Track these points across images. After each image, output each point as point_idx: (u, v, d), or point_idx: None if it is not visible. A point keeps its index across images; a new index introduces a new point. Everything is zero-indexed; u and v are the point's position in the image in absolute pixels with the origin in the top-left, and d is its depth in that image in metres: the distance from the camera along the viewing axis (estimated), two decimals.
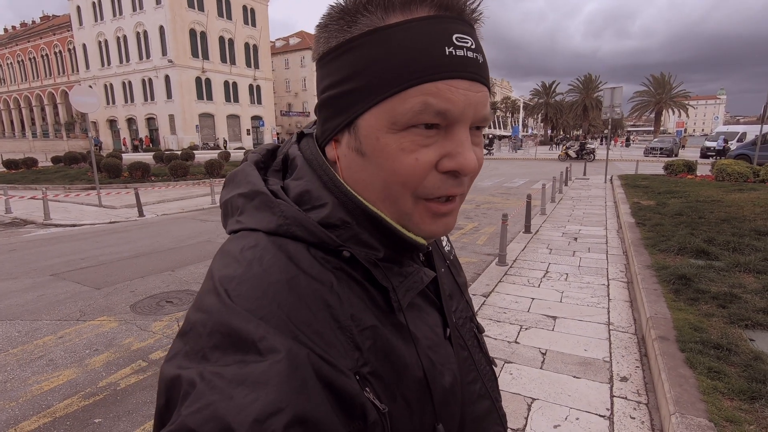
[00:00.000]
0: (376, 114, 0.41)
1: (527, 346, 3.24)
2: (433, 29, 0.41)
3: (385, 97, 0.41)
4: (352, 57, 0.42)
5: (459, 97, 0.41)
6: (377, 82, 0.41)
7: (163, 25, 38.21)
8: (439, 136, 0.42)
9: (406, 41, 0.40)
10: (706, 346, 2.74)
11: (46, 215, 9.20)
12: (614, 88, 13.89)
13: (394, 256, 0.47)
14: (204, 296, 0.40)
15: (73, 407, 2.68)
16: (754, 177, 11.00)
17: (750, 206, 7.24)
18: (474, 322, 0.61)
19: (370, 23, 0.41)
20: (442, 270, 0.57)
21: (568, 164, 16.90)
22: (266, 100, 48.60)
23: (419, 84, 0.40)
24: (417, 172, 0.42)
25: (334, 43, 0.43)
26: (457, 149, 0.42)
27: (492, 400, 0.57)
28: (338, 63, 0.43)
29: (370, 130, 0.42)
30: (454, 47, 0.41)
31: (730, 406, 2.17)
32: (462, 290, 0.62)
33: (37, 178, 15.89)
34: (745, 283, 3.85)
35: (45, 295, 4.61)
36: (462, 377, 0.51)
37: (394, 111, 0.41)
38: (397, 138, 0.41)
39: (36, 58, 51.27)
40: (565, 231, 7.12)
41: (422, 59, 0.40)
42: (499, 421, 0.58)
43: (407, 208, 0.44)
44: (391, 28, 0.40)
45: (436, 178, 0.43)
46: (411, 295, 0.47)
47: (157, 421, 0.37)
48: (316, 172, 0.47)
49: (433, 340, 0.48)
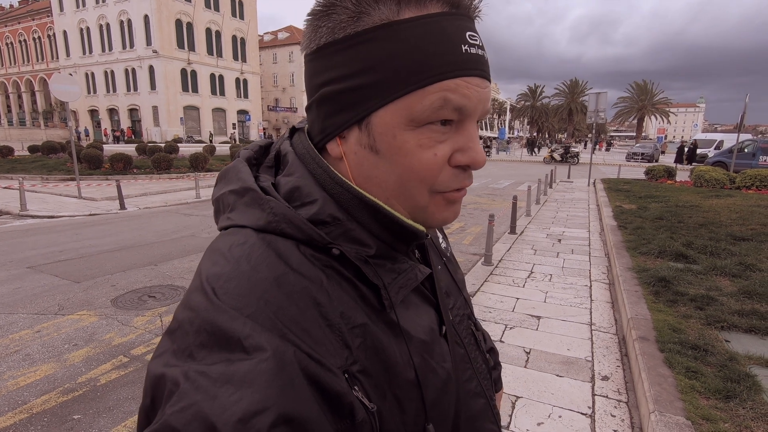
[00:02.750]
0: (392, 111, 0.41)
1: (512, 345, 3.28)
2: (450, 26, 0.41)
3: (403, 93, 0.40)
4: (364, 51, 0.41)
5: (473, 93, 0.42)
6: (395, 79, 0.40)
7: (147, 14, 37.36)
8: (451, 132, 0.43)
9: (425, 38, 0.40)
10: (685, 346, 2.83)
11: (22, 206, 8.91)
12: (599, 93, 14.16)
13: (387, 253, 0.46)
14: (192, 294, 0.40)
15: (50, 403, 2.61)
16: (731, 184, 11.35)
17: (726, 212, 7.48)
18: (472, 319, 0.61)
19: (383, 16, 0.40)
20: (438, 267, 0.57)
21: (553, 167, 17.15)
22: (253, 94, 48.02)
23: (440, 81, 0.40)
24: (435, 167, 0.43)
25: (340, 35, 0.41)
26: (468, 144, 0.43)
27: (487, 398, 0.57)
28: (345, 56, 0.41)
29: (386, 128, 0.42)
30: (469, 45, 0.42)
31: (707, 405, 2.24)
32: (460, 287, 0.61)
33: (13, 168, 15.38)
34: (721, 286, 3.98)
35: (21, 288, 4.48)
36: (457, 375, 0.51)
37: (413, 108, 0.40)
38: (416, 135, 0.41)
39: (13, 44, 49.57)
40: (550, 232, 7.24)
41: (443, 56, 0.40)
42: (493, 420, 0.58)
43: (423, 202, 0.45)
44: (408, 23, 0.40)
45: (449, 172, 0.44)
46: (404, 293, 0.46)
47: (142, 419, 0.36)
48: (308, 167, 0.46)
49: (427, 338, 0.48)
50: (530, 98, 67.48)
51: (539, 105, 67.04)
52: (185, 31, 39.46)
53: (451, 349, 0.51)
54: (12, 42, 49.56)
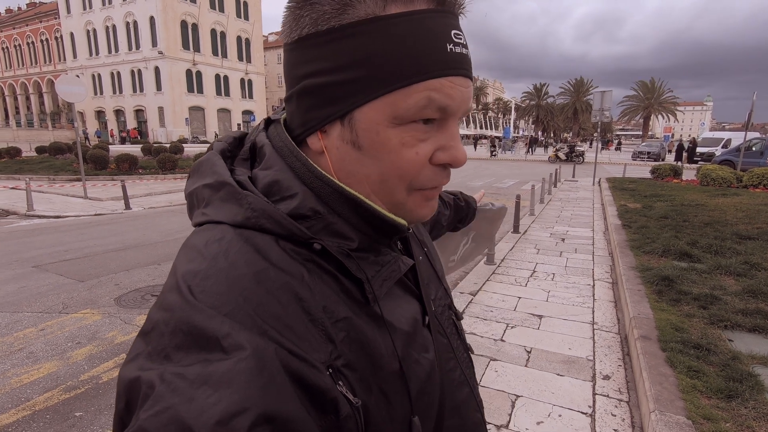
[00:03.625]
0: (377, 107, 0.40)
1: (513, 344, 3.27)
2: (436, 24, 0.40)
3: (388, 91, 0.40)
4: (349, 45, 0.40)
5: (457, 93, 0.41)
6: (380, 76, 0.40)
7: (153, 16, 37.62)
8: (433, 130, 0.42)
9: (412, 35, 0.39)
10: (687, 345, 2.80)
11: (29, 206, 9.00)
12: (604, 91, 14.05)
13: (369, 245, 0.46)
14: (167, 294, 0.38)
15: (53, 400, 2.63)
16: (738, 182, 11.24)
17: (732, 211, 7.40)
18: (452, 309, 0.61)
19: (369, 10, 0.39)
20: (420, 258, 0.57)
21: (558, 166, 17.07)
22: (258, 94, 48.21)
23: (426, 80, 0.40)
24: (416, 165, 0.43)
25: (324, 27, 0.40)
26: (450, 142, 0.43)
27: (470, 387, 0.57)
28: (329, 49, 0.40)
29: (370, 124, 0.41)
30: (454, 44, 0.41)
31: (708, 404, 2.22)
32: (440, 277, 0.61)
33: (21, 168, 15.53)
34: (725, 285, 3.94)
35: (27, 287, 4.52)
36: (441, 365, 0.51)
37: (397, 105, 0.40)
38: (399, 132, 0.41)
39: (22, 46, 50.10)
40: (553, 232, 7.20)
41: (429, 55, 0.40)
42: (476, 408, 0.58)
43: (402, 199, 0.45)
44: (394, 18, 0.39)
45: (430, 170, 0.44)
46: (388, 285, 0.46)
47: (117, 426, 0.35)
48: (286, 161, 0.45)
49: (411, 329, 0.47)
50: (535, 97, 67.21)
51: (544, 104, 66.74)
52: (190, 32, 39.70)
53: (434, 339, 0.52)
54: (20, 44, 50.10)
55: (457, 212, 1.04)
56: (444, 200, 0.98)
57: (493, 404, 2.51)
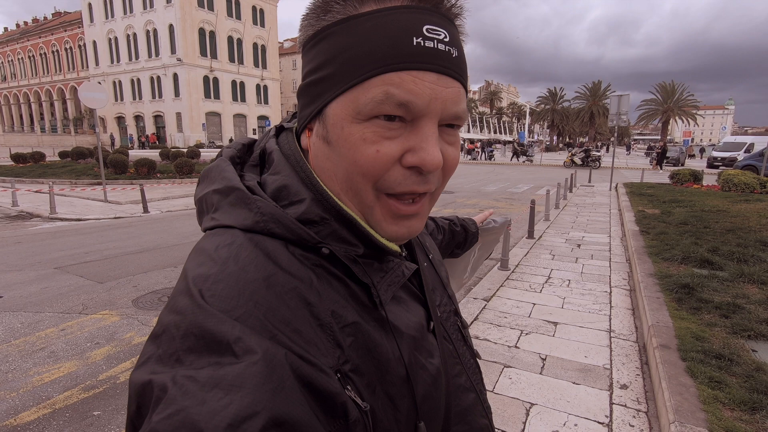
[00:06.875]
0: (342, 103, 0.41)
1: (527, 351, 3.22)
2: (404, 19, 0.40)
3: (349, 85, 0.40)
4: (325, 45, 0.42)
5: (424, 89, 0.39)
6: (343, 71, 0.40)
7: (172, 24, 38.59)
8: (404, 130, 0.41)
9: (375, 30, 0.39)
10: (708, 355, 2.72)
11: (51, 209, 9.26)
12: (621, 95, 13.84)
13: (374, 252, 0.46)
14: (177, 297, 0.38)
15: (72, 399, 2.69)
16: (761, 188, 10.91)
17: (756, 217, 7.19)
18: (458, 315, 0.61)
19: (343, 11, 0.41)
20: (424, 264, 0.57)
21: (573, 171, 16.84)
22: (273, 100, 48.87)
23: (382, 73, 0.39)
24: (378, 164, 0.41)
25: (311, 32, 0.43)
26: (421, 144, 0.41)
27: (477, 392, 0.57)
28: (313, 52, 0.43)
29: (336, 119, 0.42)
30: (423, 38, 0.40)
31: (731, 417, 2.15)
32: (444, 284, 0.62)
33: (44, 172, 16.00)
34: (748, 293, 3.82)
35: (48, 288, 4.65)
36: (447, 370, 0.51)
37: (358, 100, 0.40)
38: (361, 128, 0.41)
39: (46, 54, 51.82)
40: (569, 237, 7.09)
41: (387, 48, 0.39)
42: (484, 414, 0.58)
43: (369, 201, 0.44)
44: (363, 16, 0.40)
45: (399, 172, 0.42)
46: (393, 290, 0.46)
47: (129, 429, 0.35)
48: (294, 168, 0.46)
49: (416, 334, 0.48)
50: (550, 101, 66.46)
51: (560, 108, 65.99)
52: (208, 40, 40.58)
53: (440, 344, 0.52)
54: (45, 52, 51.81)
55: (453, 237, 1.00)
56: (438, 224, 0.96)
57: (507, 412, 2.47)
